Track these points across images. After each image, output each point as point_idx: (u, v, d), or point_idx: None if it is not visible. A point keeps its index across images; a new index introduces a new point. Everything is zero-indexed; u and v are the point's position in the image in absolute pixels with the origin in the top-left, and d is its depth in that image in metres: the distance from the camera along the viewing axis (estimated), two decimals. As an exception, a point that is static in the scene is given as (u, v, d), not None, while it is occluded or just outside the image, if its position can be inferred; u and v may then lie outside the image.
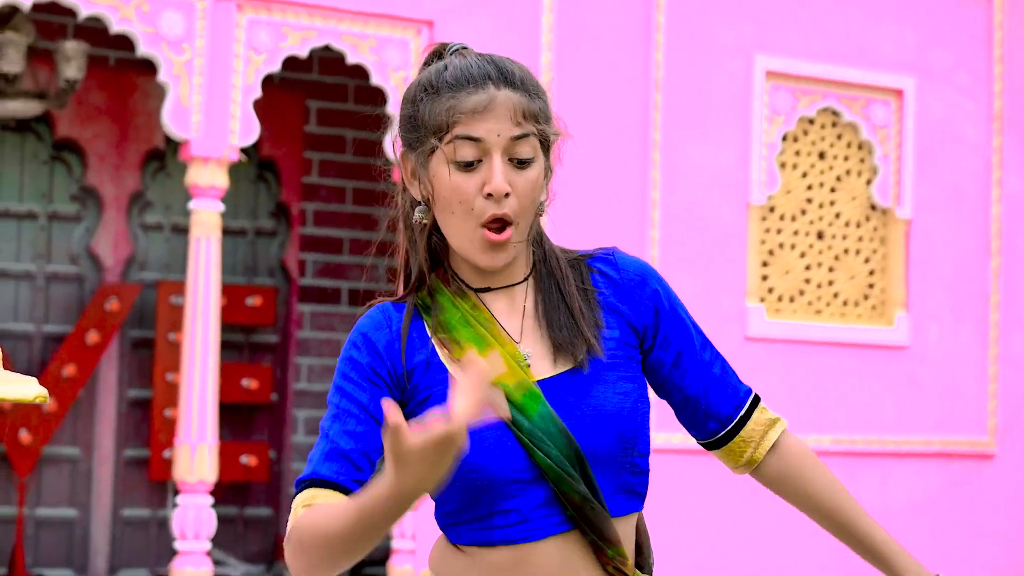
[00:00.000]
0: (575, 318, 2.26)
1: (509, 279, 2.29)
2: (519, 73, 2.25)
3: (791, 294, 7.95)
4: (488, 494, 2.18)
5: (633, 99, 7.58)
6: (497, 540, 2.20)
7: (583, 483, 2.18)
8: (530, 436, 2.17)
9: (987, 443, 8.25)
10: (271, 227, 9.37)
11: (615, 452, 2.23)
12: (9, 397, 1.72)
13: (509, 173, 2.20)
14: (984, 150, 8.35)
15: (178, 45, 6.81)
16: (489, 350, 2.20)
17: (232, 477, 8.69)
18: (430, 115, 2.21)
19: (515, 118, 2.20)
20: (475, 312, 2.25)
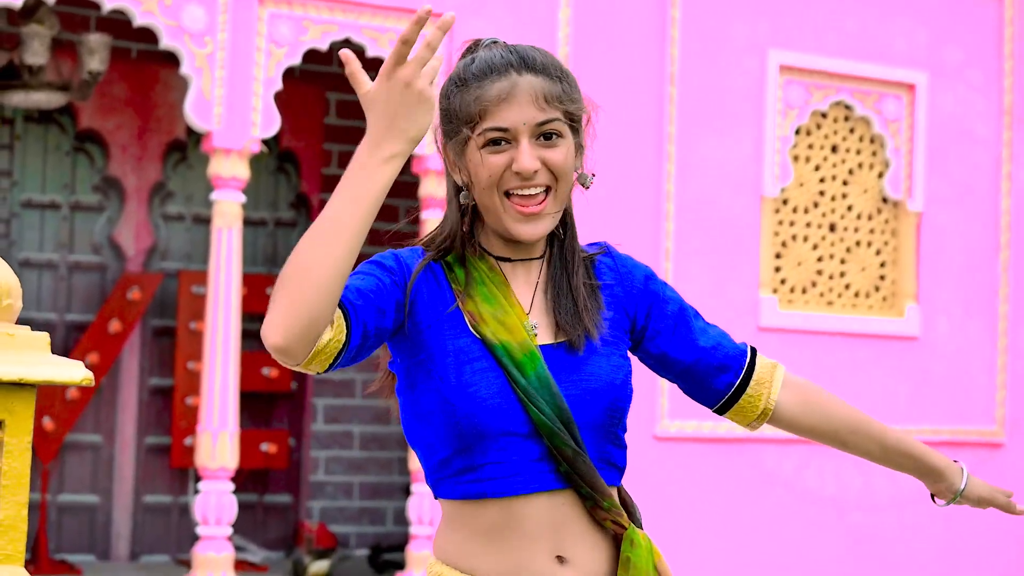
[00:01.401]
0: (579, 308, 2.38)
1: (528, 253, 2.42)
2: (540, 58, 2.36)
3: (803, 285, 8.03)
4: (483, 442, 2.28)
5: (648, 93, 7.66)
6: (489, 493, 2.29)
7: (572, 440, 2.29)
8: (525, 392, 2.28)
9: (996, 433, 8.33)
10: (291, 218, 9.48)
11: (603, 420, 2.35)
12: (57, 380, 1.81)
13: (538, 150, 2.31)
14: (994, 145, 8.43)
15: (200, 38, 6.92)
16: (499, 307, 2.34)
17: (252, 464, 8.80)
18: (460, 106, 2.34)
19: (538, 103, 2.31)
20: (491, 273, 2.38)
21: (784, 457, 7.84)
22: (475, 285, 2.36)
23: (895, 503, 8.08)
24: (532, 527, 2.30)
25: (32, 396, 1.74)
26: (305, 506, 9.29)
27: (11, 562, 1.72)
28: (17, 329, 1.80)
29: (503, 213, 2.33)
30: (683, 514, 7.62)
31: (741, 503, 7.78)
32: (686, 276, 7.61)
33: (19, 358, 1.75)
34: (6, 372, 1.72)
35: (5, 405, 1.74)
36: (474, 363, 2.30)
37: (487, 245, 2.41)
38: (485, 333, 2.32)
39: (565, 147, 2.34)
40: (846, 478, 7.96)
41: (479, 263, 2.38)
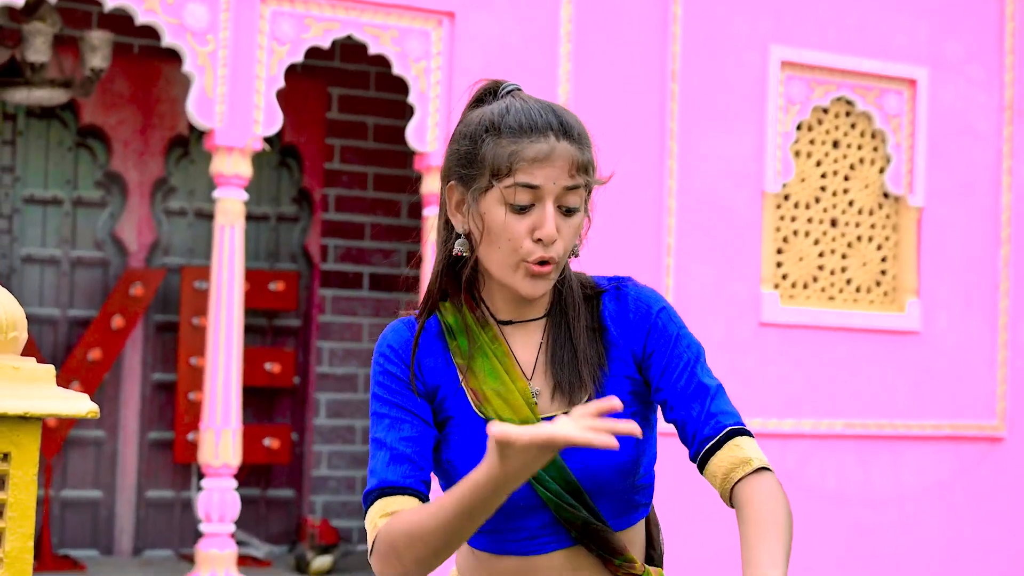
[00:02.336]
0: (577, 359, 2.36)
1: (531, 314, 2.40)
2: (576, 127, 2.34)
3: (805, 280, 8.04)
4: (499, 515, 2.32)
5: (650, 89, 7.67)
6: (508, 551, 2.35)
7: (583, 510, 2.31)
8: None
9: (997, 427, 8.36)
10: (293, 213, 9.49)
11: (616, 483, 2.35)
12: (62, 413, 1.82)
13: (557, 220, 2.30)
14: (995, 139, 8.44)
15: (202, 36, 6.93)
16: (501, 384, 2.33)
17: (255, 459, 8.83)
18: (492, 156, 2.29)
19: (571, 170, 2.29)
20: (494, 345, 2.37)
21: (786, 452, 7.86)
22: (477, 358, 2.36)
23: (896, 498, 8.11)
24: (550, 574, 2.36)
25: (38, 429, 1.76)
26: (308, 501, 9.31)
27: (17, 593, 1.74)
28: (22, 362, 1.81)
29: (514, 273, 2.31)
30: (686, 511, 7.64)
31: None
32: (688, 272, 7.62)
33: (24, 391, 1.76)
34: (12, 406, 1.74)
35: (11, 438, 1.75)
36: (481, 445, 2.31)
37: (492, 307, 2.40)
38: (488, 413, 2.32)
39: (578, 219, 2.33)
40: (847, 473, 7.98)
41: (480, 332, 2.37)
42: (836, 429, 7.96)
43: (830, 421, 7.95)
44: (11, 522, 1.73)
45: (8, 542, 1.74)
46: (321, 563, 8.29)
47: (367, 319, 9.52)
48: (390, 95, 9.22)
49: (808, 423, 7.90)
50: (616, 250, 7.42)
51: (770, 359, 7.79)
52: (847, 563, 8.00)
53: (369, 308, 9.51)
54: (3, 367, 1.80)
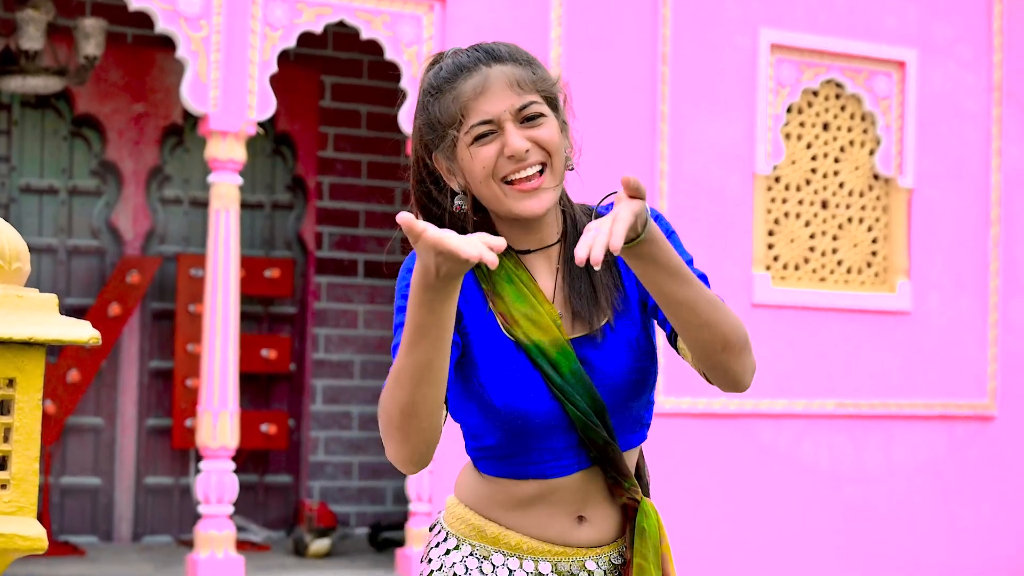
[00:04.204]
0: (594, 286, 2.44)
1: (544, 240, 2.47)
2: (506, 49, 2.43)
3: (796, 262, 8.10)
4: (528, 437, 2.39)
5: (641, 73, 7.72)
6: (533, 474, 2.42)
7: (604, 430, 2.40)
8: (562, 390, 2.38)
9: (987, 406, 8.41)
10: (288, 200, 9.54)
11: (634, 396, 2.45)
12: (65, 339, 1.88)
13: (525, 131, 2.37)
14: (984, 120, 8.50)
15: (196, 22, 6.98)
16: (528, 307, 2.40)
17: (252, 445, 8.88)
18: (441, 111, 2.38)
19: (514, 88, 2.37)
20: (518, 271, 2.43)
21: (779, 431, 7.92)
22: (503, 284, 2.42)
23: (888, 476, 8.17)
24: (563, 497, 2.44)
25: (42, 355, 1.82)
26: (305, 486, 9.37)
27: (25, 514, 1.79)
28: (26, 291, 1.87)
29: (504, 198, 2.37)
30: (679, 489, 7.69)
31: (736, 478, 7.85)
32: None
33: (28, 318, 1.82)
34: (16, 332, 1.79)
35: (16, 364, 1.81)
36: (511, 365, 2.38)
37: (508, 239, 2.45)
38: (518, 335, 2.39)
39: (550, 124, 2.39)
40: (840, 452, 8.04)
41: (504, 260, 2.43)
42: (828, 409, 8.01)
43: (822, 401, 8.00)
44: (17, 445, 1.79)
45: (15, 464, 1.80)
46: (319, 546, 8.34)
47: (362, 306, 9.58)
48: (383, 83, 9.27)
49: (800, 403, 7.95)
50: (608, 232, 7.45)
51: (762, 340, 7.84)
52: (840, 541, 8.06)
53: (364, 295, 9.57)
54: (7, 296, 1.85)
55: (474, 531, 2.47)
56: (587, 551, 2.45)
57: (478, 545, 2.47)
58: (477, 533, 2.47)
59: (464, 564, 2.47)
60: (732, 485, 7.83)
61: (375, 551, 8.67)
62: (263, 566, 7.90)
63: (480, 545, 2.47)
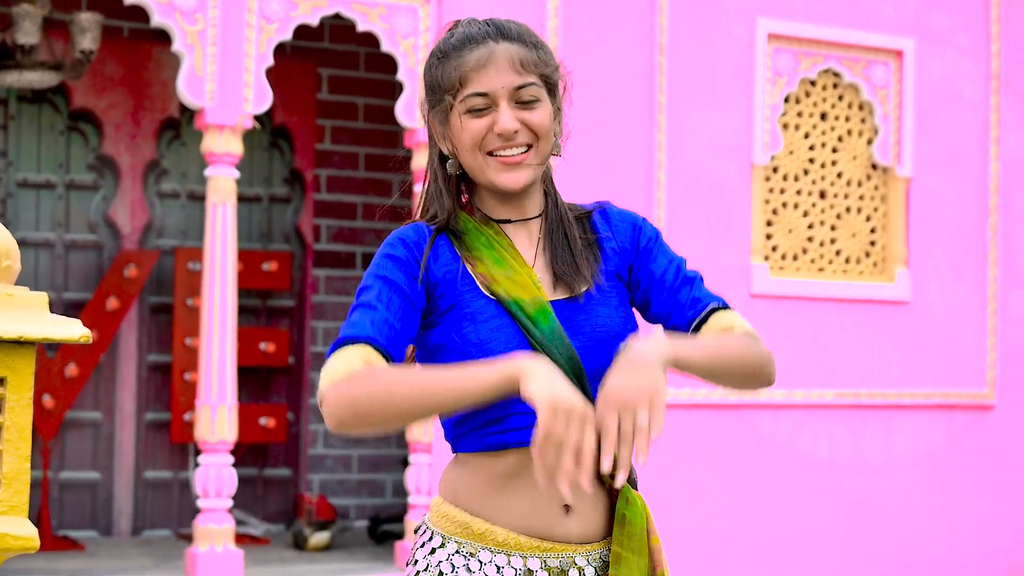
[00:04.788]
0: (575, 257, 2.50)
1: (525, 213, 2.54)
2: (516, 28, 2.50)
3: (794, 252, 8.09)
4: (504, 401, 2.37)
5: (638, 63, 7.71)
6: (511, 442, 2.41)
7: (582, 392, 2.40)
8: (541, 344, 2.41)
9: (987, 395, 8.40)
10: (285, 193, 9.53)
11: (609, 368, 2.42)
12: (55, 337, 1.87)
13: (517, 113, 2.44)
14: (982, 109, 8.48)
15: (191, 15, 6.96)
16: (508, 267, 2.45)
17: (251, 439, 8.87)
18: (442, 76, 2.47)
19: (515, 67, 2.44)
20: (497, 237, 2.50)
21: (778, 422, 7.91)
22: (483, 249, 2.48)
23: (887, 466, 8.16)
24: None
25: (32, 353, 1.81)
26: (305, 479, 9.36)
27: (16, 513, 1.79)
28: (16, 290, 1.86)
29: (487, 168, 2.45)
30: (678, 480, 7.68)
31: (735, 468, 7.85)
32: (678, 244, 7.65)
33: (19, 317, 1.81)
34: (6, 330, 1.79)
35: (6, 362, 1.80)
36: (490, 321, 2.42)
37: (487, 210, 2.54)
38: (498, 292, 2.44)
39: (543, 109, 2.46)
40: (839, 442, 8.03)
41: (484, 228, 2.51)
42: (827, 399, 8.00)
43: (821, 391, 7.99)
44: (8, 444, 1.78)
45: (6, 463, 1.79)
46: (319, 539, 8.33)
47: (360, 298, 9.55)
48: (380, 75, 9.25)
49: (799, 393, 7.94)
50: (606, 223, 7.44)
51: (761, 330, 7.82)
52: (839, 532, 8.05)
53: (362, 287, 9.55)
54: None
55: (459, 528, 2.45)
56: (576, 547, 2.44)
57: (464, 542, 2.45)
58: (462, 530, 2.45)
59: (450, 562, 2.45)
60: (731, 476, 7.82)
61: (375, 544, 8.67)
62: (262, 560, 7.89)
63: (466, 542, 2.45)
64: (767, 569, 7.88)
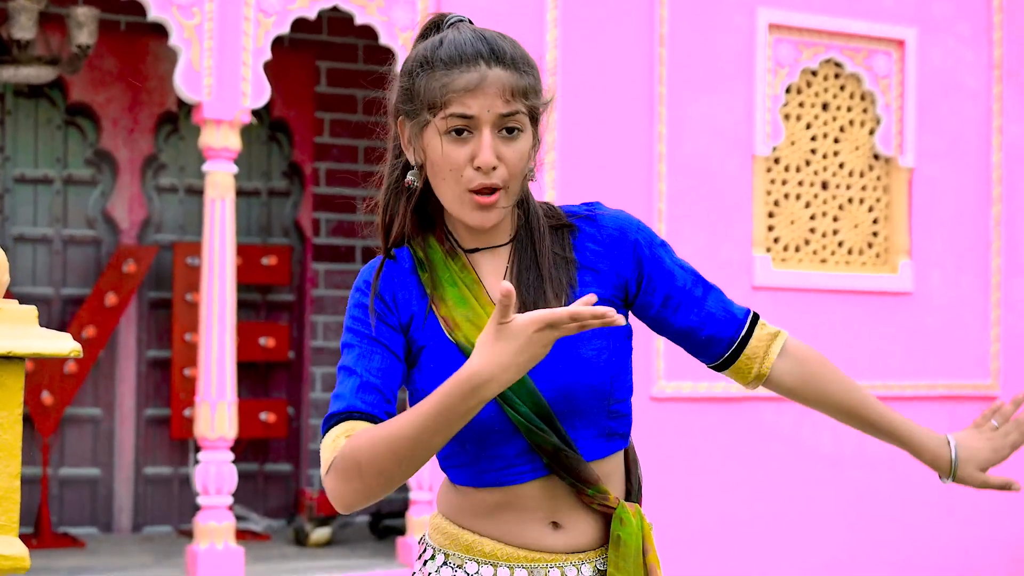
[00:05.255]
0: (543, 280, 2.39)
1: (495, 240, 2.43)
2: (510, 51, 2.35)
3: (796, 243, 8.05)
4: (475, 443, 2.36)
5: (638, 54, 7.67)
6: (490, 483, 2.38)
7: (554, 435, 2.34)
8: (501, 395, 2.33)
9: (991, 386, 8.37)
10: (284, 187, 9.48)
11: (591, 403, 2.38)
12: (44, 353, 1.82)
13: (498, 145, 2.32)
14: (985, 99, 8.44)
15: (188, 9, 6.92)
16: (470, 310, 2.37)
17: (252, 434, 8.83)
18: (425, 90, 2.33)
19: (504, 95, 2.31)
20: (463, 273, 2.40)
21: (781, 415, 7.88)
22: (446, 287, 2.39)
23: (890, 459, 8.12)
24: (529, 504, 2.39)
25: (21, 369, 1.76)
26: (305, 474, 9.32)
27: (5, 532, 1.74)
28: (5, 303, 1.82)
29: (462, 203, 2.34)
30: (681, 474, 7.65)
31: (738, 461, 7.81)
32: (679, 237, 7.62)
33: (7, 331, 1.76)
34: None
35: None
36: (452, 369, 2.32)
37: (456, 236, 2.44)
38: (459, 339, 2.36)
39: (523, 142, 2.35)
40: (842, 435, 8.00)
41: (451, 262, 2.41)
42: (831, 391, 7.95)
43: (824, 383, 7.93)
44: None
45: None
46: (320, 535, 8.30)
47: (360, 292, 9.51)
48: (379, 68, 9.19)
49: (803, 385, 7.89)
50: (607, 216, 7.40)
51: (763, 322, 7.78)
52: (843, 523, 8.02)
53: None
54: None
55: (449, 540, 2.44)
56: (566, 557, 2.39)
57: (452, 554, 2.43)
58: (451, 541, 2.43)
59: (438, 574, 2.43)
60: (734, 469, 7.79)
61: (376, 539, 8.64)
62: (263, 556, 7.86)
63: (454, 553, 2.42)
64: (771, 561, 7.85)
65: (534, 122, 2.39)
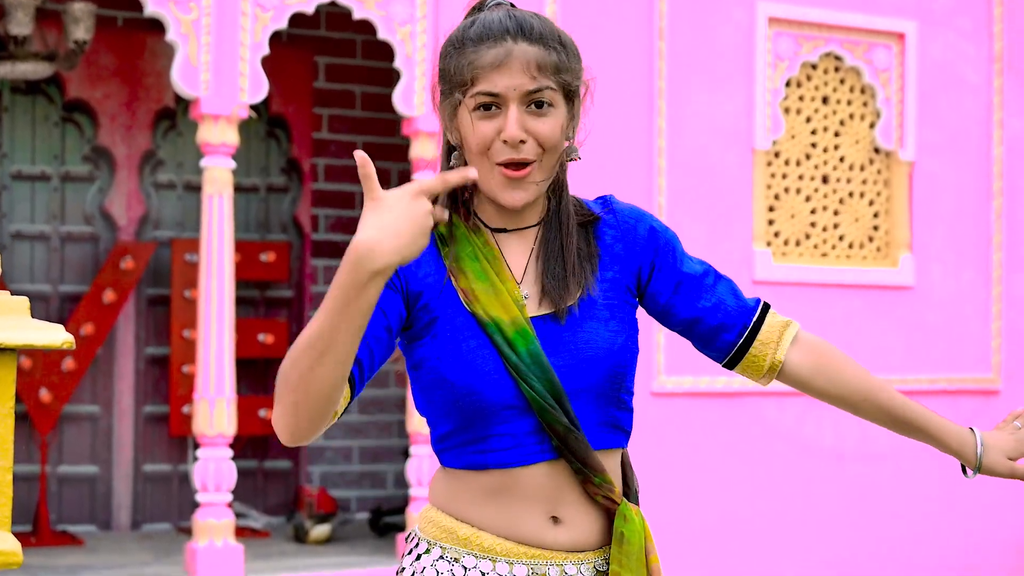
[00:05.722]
0: (567, 271, 2.38)
1: (523, 222, 2.43)
2: (538, 27, 2.36)
3: (797, 238, 8.02)
4: (484, 418, 2.32)
5: (638, 48, 7.64)
6: (491, 463, 2.34)
7: (564, 416, 2.31)
8: (516, 369, 2.31)
9: (992, 380, 8.34)
10: (283, 183, 9.46)
11: (605, 386, 2.37)
12: (37, 344, 1.80)
13: (527, 120, 2.32)
14: (985, 92, 8.41)
15: (185, 4, 6.89)
16: (490, 285, 2.35)
17: (251, 431, 8.81)
18: (455, 69, 2.35)
19: (530, 71, 2.32)
20: (485, 248, 2.39)
21: (783, 410, 7.85)
22: (467, 260, 2.37)
23: (892, 453, 8.10)
24: (530, 491, 2.35)
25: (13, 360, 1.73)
26: (305, 471, 9.30)
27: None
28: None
29: (491, 179, 2.34)
30: (683, 469, 7.63)
31: (740, 456, 7.79)
32: (679, 232, 7.59)
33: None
34: (-14, 337, 1.71)
35: (-14, 370, 1.73)
36: (469, 341, 2.32)
37: (483, 215, 2.43)
38: (477, 311, 2.34)
39: (555, 118, 2.35)
40: (844, 429, 7.97)
41: (473, 237, 2.40)
42: (832, 386, 7.92)
43: (825, 378, 7.91)
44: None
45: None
46: (319, 532, 8.28)
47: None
48: (377, 63, 9.18)
49: (803, 380, 7.86)
50: (607, 210, 7.37)
51: (764, 317, 7.76)
52: (845, 519, 7.99)
53: (361, 277, 9.48)
54: (-24, 300, 1.77)
55: (445, 533, 2.39)
56: (566, 555, 2.36)
57: (448, 548, 2.38)
58: (448, 535, 2.38)
59: (435, 568, 2.38)
60: (735, 464, 7.77)
61: (376, 536, 8.61)
62: (263, 554, 7.83)
63: (451, 548, 2.38)
64: (773, 557, 7.82)
65: (569, 100, 2.39)
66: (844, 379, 2.54)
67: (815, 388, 2.56)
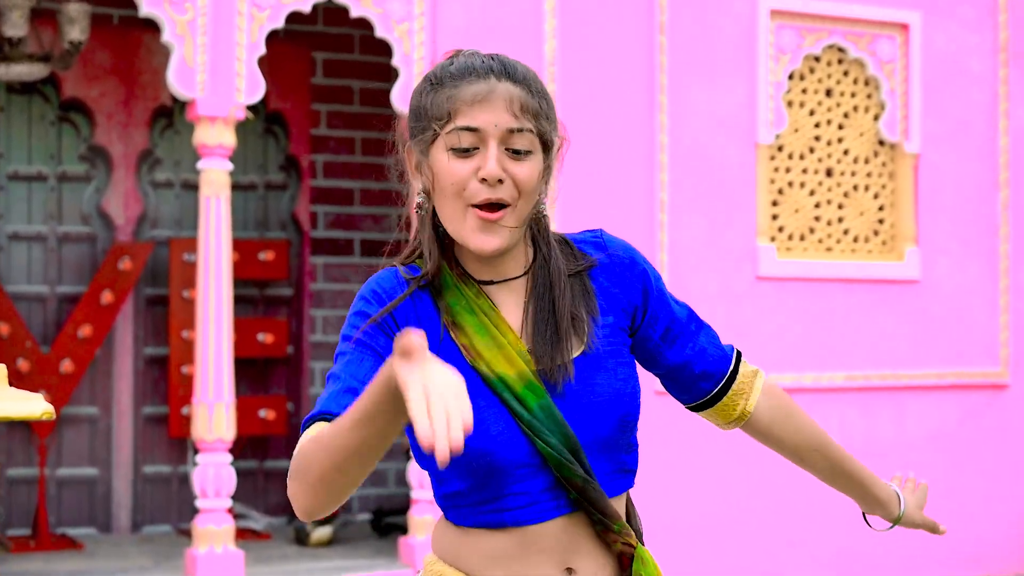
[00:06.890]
0: (559, 337, 2.28)
1: (506, 273, 2.32)
2: (522, 70, 2.27)
3: (801, 232, 7.95)
4: (499, 477, 2.22)
5: (639, 43, 7.56)
6: (508, 522, 2.24)
7: (581, 467, 2.23)
8: (530, 426, 2.21)
9: (1000, 373, 8.27)
10: (281, 180, 9.38)
11: (615, 435, 2.28)
12: (14, 415, 1.73)
13: (505, 161, 2.21)
14: (990, 82, 8.33)
15: (181, 5, 6.81)
16: (491, 339, 2.25)
17: (251, 431, 8.75)
18: (432, 104, 2.24)
19: (512, 110, 2.22)
20: (478, 300, 2.28)
21: (787, 407, 7.78)
22: (464, 315, 2.27)
23: (900, 448, 8.04)
24: (546, 546, 2.26)
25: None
26: (306, 471, 9.22)
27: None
28: (-28, 362, 1.71)
29: (463, 221, 2.23)
30: (684, 467, 7.57)
31: (742, 453, 7.73)
32: (682, 227, 7.52)
33: (-26, 392, 1.66)
34: (-38, 408, 1.64)
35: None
36: (476, 400, 2.20)
37: (468, 267, 2.32)
38: (481, 368, 2.24)
39: (533, 163, 2.24)
40: (850, 425, 7.91)
41: (464, 289, 2.29)
42: (837, 382, 7.87)
43: (831, 374, 7.86)
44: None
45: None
46: (321, 534, 8.21)
47: (359, 286, 9.42)
48: (375, 58, 9.09)
49: (809, 376, 7.82)
50: (609, 207, 7.32)
51: (768, 313, 7.71)
52: (850, 516, 7.92)
53: (361, 274, 9.40)
54: (-49, 366, 1.69)
55: None
56: None
57: None
58: None
59: None
60: (741, 460, 7.70)
61: (378, 537, 8.55)
62: (263, 557, 7.77)
63: None
64: (774, 555, 7.77)
65: (545, 150, 2.29)
66: (802, 429, 2.67)
67: (773, 437, 2.64)
